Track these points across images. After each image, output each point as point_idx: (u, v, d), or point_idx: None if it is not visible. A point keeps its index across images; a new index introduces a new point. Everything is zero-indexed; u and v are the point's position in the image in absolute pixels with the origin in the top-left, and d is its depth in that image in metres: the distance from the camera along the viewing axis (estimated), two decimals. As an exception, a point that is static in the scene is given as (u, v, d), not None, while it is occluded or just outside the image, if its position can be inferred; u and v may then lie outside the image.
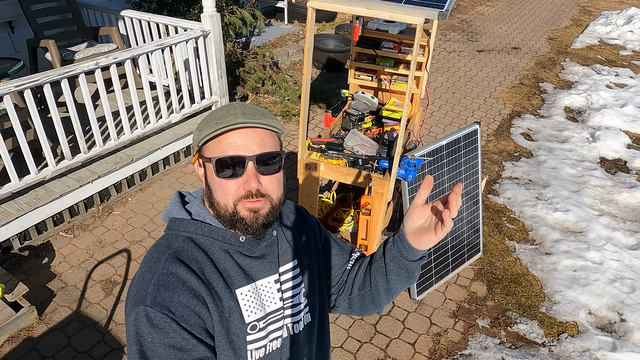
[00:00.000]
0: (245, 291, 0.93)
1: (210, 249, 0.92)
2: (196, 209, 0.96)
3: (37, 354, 2.46)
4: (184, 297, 0.84)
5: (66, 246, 3.15)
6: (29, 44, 4.05)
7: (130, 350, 0.83)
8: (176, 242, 0.92)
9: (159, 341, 0.81)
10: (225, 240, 0.93)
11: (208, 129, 0.88)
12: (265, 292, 0.96)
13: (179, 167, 4.03)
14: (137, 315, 0.83)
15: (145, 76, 3.56)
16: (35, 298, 2.74)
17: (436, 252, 2.89)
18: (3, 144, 2.82)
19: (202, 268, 0.89)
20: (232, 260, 0.93)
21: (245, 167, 0.87)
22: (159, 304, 0.83)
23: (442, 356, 2.56)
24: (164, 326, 0.82)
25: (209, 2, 3.76)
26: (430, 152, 2.65)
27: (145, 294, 0.85)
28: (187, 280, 0.86)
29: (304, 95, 2.38)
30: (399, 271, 1.04)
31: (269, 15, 7.58)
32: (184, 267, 0.87)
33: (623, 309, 2.83)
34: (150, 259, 0.91)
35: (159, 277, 0.86)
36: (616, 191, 3.94)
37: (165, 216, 0.98)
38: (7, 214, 2.94)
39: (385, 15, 2.03)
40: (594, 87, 5.82)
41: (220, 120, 0.87)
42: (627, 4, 10.35)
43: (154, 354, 0.81)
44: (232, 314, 0.90)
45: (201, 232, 0.92)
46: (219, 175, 0.88)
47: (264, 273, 0.97)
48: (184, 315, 0.83)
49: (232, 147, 0.87)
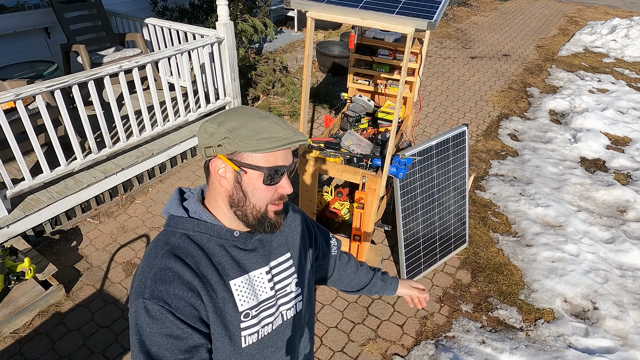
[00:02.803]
0: (238, 282, 0.91)
1: (206, 244, 0.90)
2: (193, 206, 0.93)
3: (64, 327, 2.47)
4: (179, 290, 0.83)
5: (92, 231, 3.16)
6: (62, 48, 4.04)
7: (131, 339, 0.83)
8: (173, 239, 0.89)
9: (156, 331, 0.81)
10: (221, 236, 0.91)
11: (264, 142, 0.82)
12: (258, 282, 0.94)
13: (195, 161, 4.01)
14: (137, 307, 0.83)
15: (165, 78, 3.53)
16: (64, 277, 2.75)
17: (425, 242, 2.84)
18: (36, 138, 2.82)
19: (197, 262, 0.87)
20: (227, 253, 0.91)
21: (283, 175, 0.88)
22: (156, 297, 0.82)
23: (428, 337, 2.53)
24: (160, 317, 0.81)
25: (223, 12, 3.70)
26: (421, 152, 2.58)
27: (144, 287, 0.84)
28: (183, 274, 0.84)
29: (303, 98, 2.32)
30: (377, 285, 1.37)
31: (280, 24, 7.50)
32: (179, 262, 0.86)
33: (596, 298, 2.76)
34: (149, 254, 0.89)
35: (156, 272, 0.85)
36: (594, 189, 3.84)
37: (165, 212, 0.96)
38: (40, 202, 2.95)
39: (379, 25, 1.96)
40: (578, 92, 5.67)
41: (274, 134, 0.83)
42: (612, 14, 10.06)
43: (152, 343, 0.80)
44: (226, 304, 0.89)
45: (197, 230, 0.90)
46: (268, 183, 0.86)
47: (257, 265, 0.95)
48: (180, 306, 0.82)
49: (282, 158, 0.87)
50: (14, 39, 4.19)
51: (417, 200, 2.69)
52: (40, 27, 4.32)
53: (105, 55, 4.06)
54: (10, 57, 4.18)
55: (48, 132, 2.89)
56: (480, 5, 10.32)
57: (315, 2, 2.03)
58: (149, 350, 0.80)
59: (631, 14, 10.15)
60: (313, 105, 5.06)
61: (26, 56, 4.29)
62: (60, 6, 4.01)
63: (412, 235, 2.75)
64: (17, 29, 4.12)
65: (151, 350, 0.80)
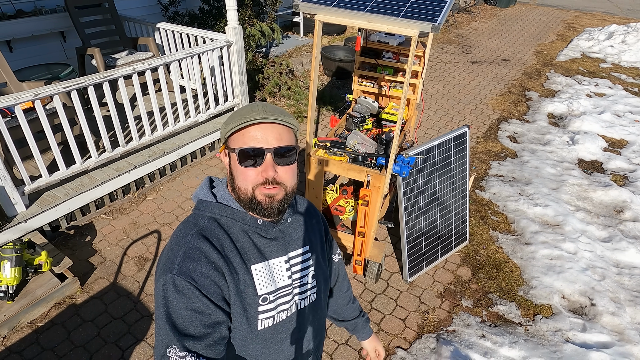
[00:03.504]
0: (259, 267, 0.93)
1: (231, 229, 0.92)
2: (221, 193, 0.96)
3: (79, 318, 2.50)
4: (205, 268, 0.85)
5: (106, 226, 3.19)
6: (78, 52, 4.08)
7: (157, 311, 0.84)
8: (202, 221, 0.92)
9: (182, 305, 0.82)
10: (245, 222, 0.93)
11: (233, 123, 0.89)
12: (276, 269, 0.96)
13: (205, 160, 4.04)
14: (165, 281, 0.84)
15: (176, 80, 3.57)
16: (79, 270, 2.78)
17: (427, 240, 2.85)
18: (53, 137, 2.85)
19: (222, 245, 0.89)
20: (249, 239, 0.93)
21: (264, 158, 0.88)
22: (184, 273, 0.83)
23: (429, 331, 2.53)
24: (187, 292, 0.83)
25: (232, 17, 3.73)
26: (423, 152, 2.60)
27: (173, 263, 0.85)
28: (209, 254, 0.86)
29: (311, 100, 2.34)
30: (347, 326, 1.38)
31: (286, 29, 7.53)
32: (207, 243, 0.88)
33: (593, 294, 2.76)
34: (178, 234, 0.91)
35: (185, 250, 0.87)
36: (592, 189, 3.83)
37: (195, 197, 0.99)
38: (56, 198, 2.98)
39: (384, 27, 1.98)
40: (575, 96, 5.66)
41: (245, 116, 0.88)
42: (609, 21, 10.04)
43: (178, 316, 0.82)
44: (247, 287, 0.90)
45: (224, 214, 0.93)
46: (241, 164, 0.88)
47: (277, 253, 0.97)
48: (205, 284, 0.84)
49: (254, 139, 0.88)
50: (31, 42, 4.24)
51: (420, 198, 2.70)
52: (57, 31, 4.37)
53: (119, 58, 4.10)
54: (28, 60, 4.23)
55: (64, 131, 2.92)
56: (480, 12, 10.32)
57: (323, 5, 2.05)
58: (175, 322, 0.81)
59: (628, 20, 10.12)
60: (318, 107, 5.08)
61: (43, 59, 4.34)
62: (76, 11, 4.06)
63: (415, 233, 2.76)
64: (34, 33, 4.17)
65: (177, 322, 0.81)
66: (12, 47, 4.12)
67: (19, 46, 4.16)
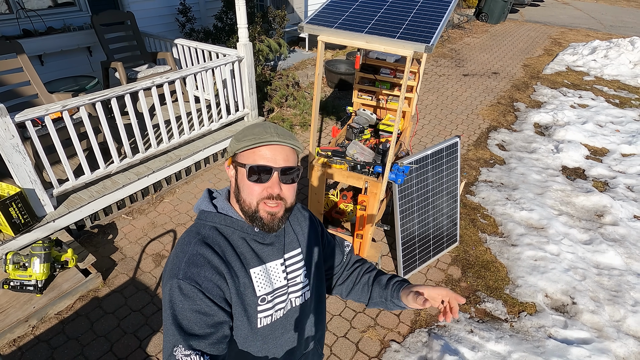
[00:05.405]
0: (257, 270, 0.94)
1: (231, 236, 0.93)
2: (221, 204, 0.97)
3: (101, 310, 2.52)
4: (209, 273, 0.86)
5: (126, 226, 3.21)
6: (102, 65, 4.13)
7: (165, 314, 0.85)
8: (204, 230, 0.93)
9: (188, 307, 0.83)
10: (243, 230, 0.94)
11: (247, 141, 0.89)
12: (273, 272, 0.97)
13: (217, 166, 4.07)
14: (172, 286, 0.85)
15: (191, 92, 3.59)
16: (101, 266, 2.81)
17: (420, 241, 2.85)
18: (79, 144, 2.88)
19: (223, 251, 0.90)
20: (248, 245, 0.94)
21: (271, 176, 0.89)
22: (189, 278, 0.84)
23: (422, 326, 2.53)
24: (192, 295, 0.84)
25: (243, 34, 3.76)
26: (417, 160, 2.60)
27: (178, 269, 0.86)
28: (212, 260, 0.88)
29: (314, 112, 2.36)
30: (381, 304, 1.15)
31: (293, 43, 7.55)
32: (209, 249, 0.89)
33: (575, 293, 2.74)
34: (182, 242, 0.92)
35: (189, 257, 0.88)
36: (574, 195, 3.82)
37: (196, 208, 1.00)
38: (81, 200, 3.02)
39: (381, 48, 1.99)
40: (560, 107, 5.63)
41: (258, 137, 0.88)
42: (592, 37, 9.97)
43: (184, 317, 0.83)
44: (247, 289, 0.91)
45: (224, 223, 0.94)
46: (249, 179, 0.89)
47: (273, 257, 0.97)
48: (209, 287, 0.85)
49: (263, 158, 0.88)
50: (60, 56, 4.29)
51: (414, 203, 2.71)
52: (84, 46, 4.42)
53: (140, 71, 4.14)
54: (58, 72, 4.29)
55: (89, 139, 2.96)
56: (473, 28, 10.30)
57: (326, 27, 2.07)
58: (181, 324, 0.82)
59: (610, 36, 10.05)
60: (321, 117, 5.09)
61: (71, 72, 4.39)
62: (101, 28, 4.11)
63: (409, 235, 2.76)
64: (63, 48, 4.22)
65: (182, 324, 0.82)
66: (43, 61, 4.17)
67: (50, 60, 4.22)
